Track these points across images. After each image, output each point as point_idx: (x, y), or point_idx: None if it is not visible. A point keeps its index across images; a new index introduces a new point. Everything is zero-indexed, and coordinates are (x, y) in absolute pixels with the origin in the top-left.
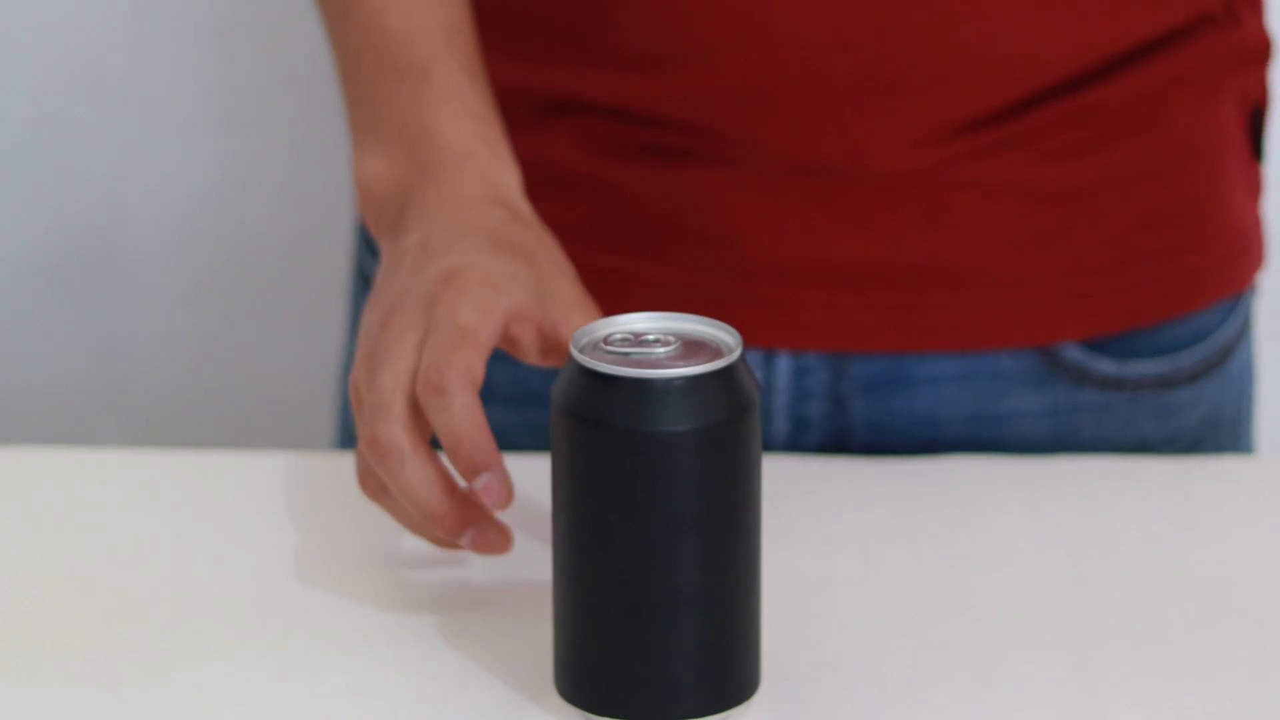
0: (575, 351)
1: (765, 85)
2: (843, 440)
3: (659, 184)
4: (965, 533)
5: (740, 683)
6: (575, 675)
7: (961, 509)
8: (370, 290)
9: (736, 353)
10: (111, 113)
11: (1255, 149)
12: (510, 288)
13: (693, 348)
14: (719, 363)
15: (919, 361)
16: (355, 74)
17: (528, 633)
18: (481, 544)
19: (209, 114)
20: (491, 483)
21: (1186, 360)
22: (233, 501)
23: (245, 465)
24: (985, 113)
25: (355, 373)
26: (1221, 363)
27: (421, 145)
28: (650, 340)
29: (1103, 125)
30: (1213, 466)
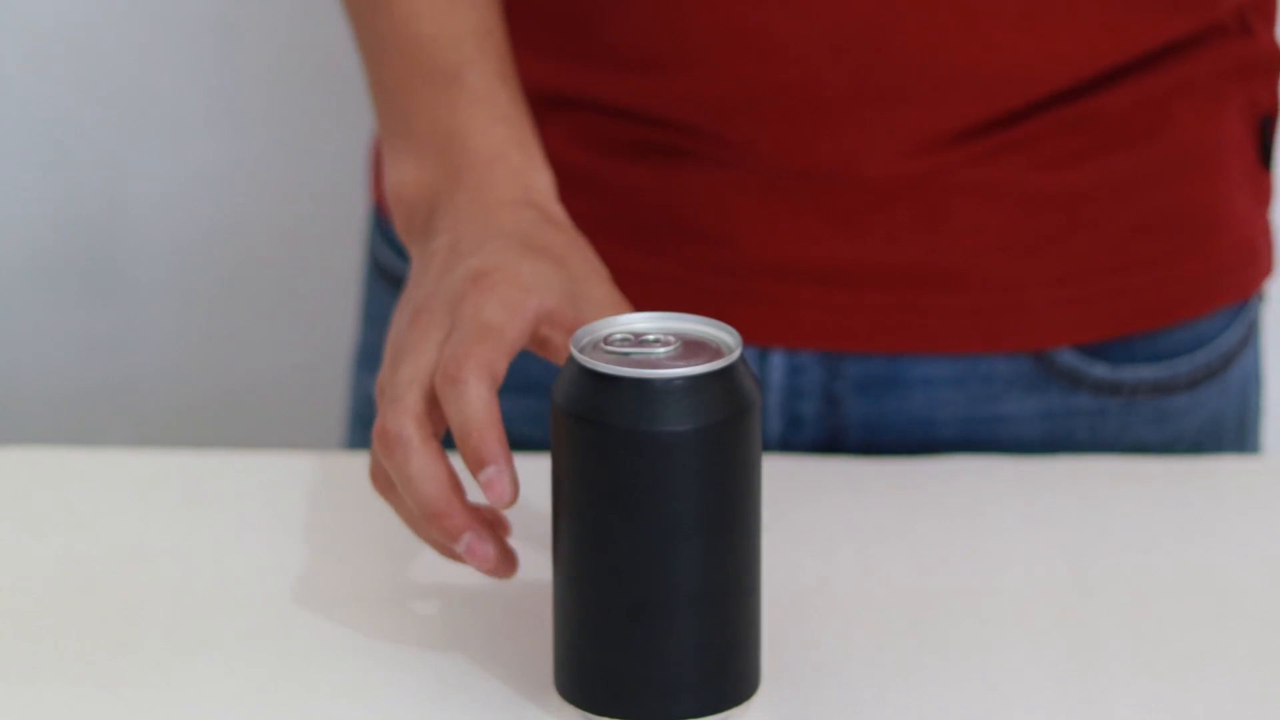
0: (575, 351)
1: (761, 91)
2: (836, 439)
3: (656, 181)
4: (965, 533)
5: (740, 683)
6: (575, 675)
7: (962, 509)
8: (399, 290)
9: (736, 353)
10: (113, 113)
11: (1264, 158)
12: (540, 289)
13: (693, 348)
14: (719, 363)
15: (913, 363)
16: (384, 80)
17: (528, 633)
18: (479, 554)
19: (210, 114)
20: (496, 477)
21: (1184, 366)
22: (233, 502)
23: (245, 465)
24: (982, 122)
25: (381, 373)
26: (1223, 369)
27: (452, 150)
28: (650, 340)
29: (1102, 133)
30: (1212, 467)
